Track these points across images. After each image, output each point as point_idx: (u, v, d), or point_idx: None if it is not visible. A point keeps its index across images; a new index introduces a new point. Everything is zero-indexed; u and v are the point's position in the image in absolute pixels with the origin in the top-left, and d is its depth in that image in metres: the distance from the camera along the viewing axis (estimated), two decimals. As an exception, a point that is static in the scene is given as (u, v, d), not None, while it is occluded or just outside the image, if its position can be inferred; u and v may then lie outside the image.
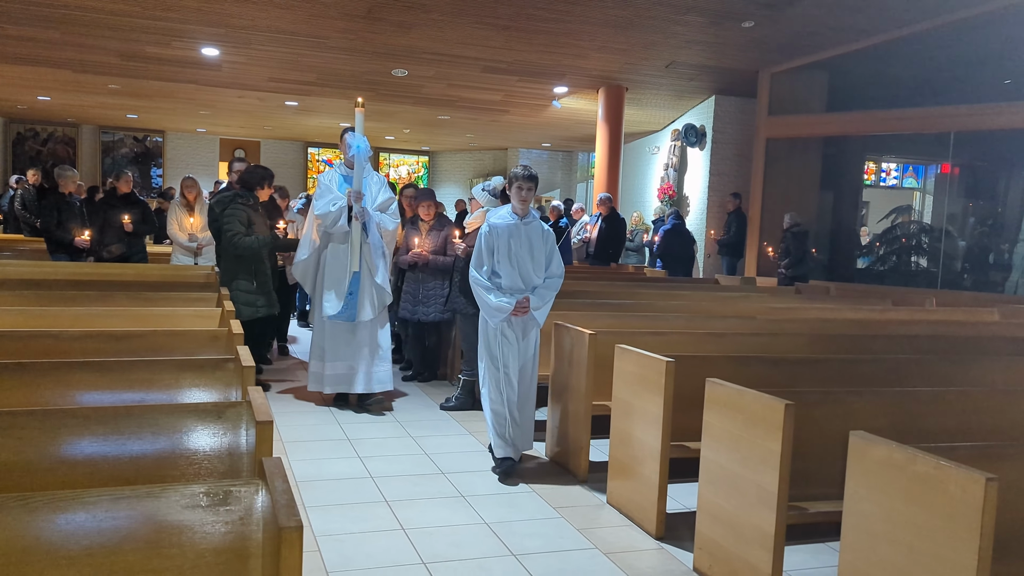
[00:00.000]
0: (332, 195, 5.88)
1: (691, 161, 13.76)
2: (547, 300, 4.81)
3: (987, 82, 10.90)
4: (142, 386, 3.42)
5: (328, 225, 5.86)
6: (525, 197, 4.75)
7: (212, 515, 2.05)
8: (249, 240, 6.17)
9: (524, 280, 4.77)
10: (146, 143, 20.55)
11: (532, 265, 4.78)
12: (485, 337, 4.85)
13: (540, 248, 4.82)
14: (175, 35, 10.48)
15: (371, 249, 5.92)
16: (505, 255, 4.74)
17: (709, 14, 9.71)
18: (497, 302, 4.66)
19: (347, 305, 5.90)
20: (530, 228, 4.80)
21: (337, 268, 5.92)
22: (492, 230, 4.78)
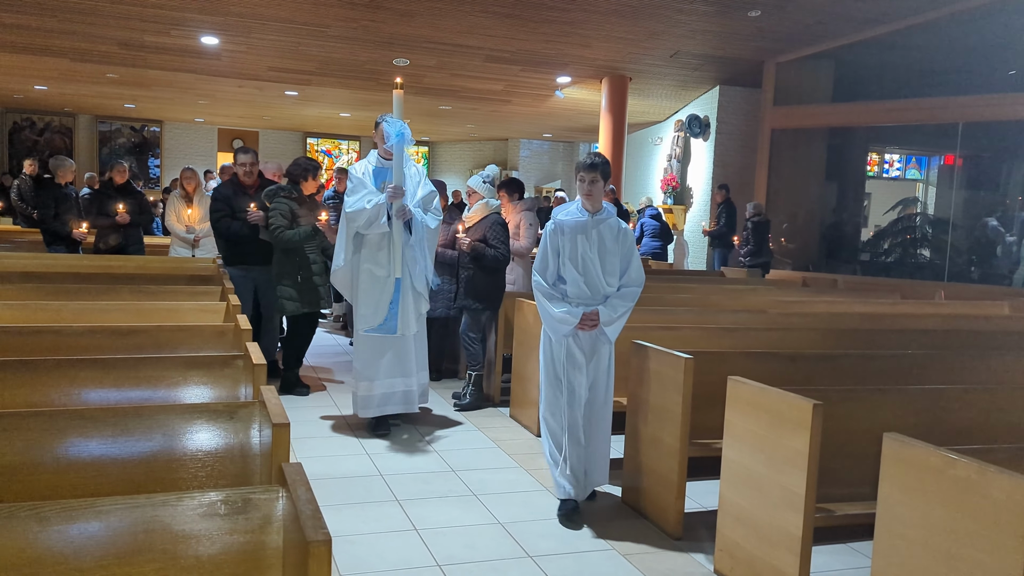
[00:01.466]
0: (366, 191, 5.09)
1: (695, 152, 13.65)
2: (621, 313, 4.03)
3: (993, 72, 10.80)
4: (149, 384, 3.33)
5: (362, 226, 5.07)
6: (589, 191, 4.02)
7: (230, 523, 1.96)
8: (290, 233, 5.93)
9: (592, 288, 4.01)
10: (143, 133, 20.38)
11: (603, 270, 4.01)
12: (547, 353, 4.12)
13: (614, 250, 4.03)
14: (174, 23, 10.33)
15: (413, 252, 5.19)
16: (571, 257, 4.00)
17: (715, 3, 9.59)
18: (559, 313, 3.95)
19: (388, 317, 5.15)
20: (603, 226, 4.04)
21: (376, 274, 5.16)
22: (557, 228, 4.06)
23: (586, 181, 4.03)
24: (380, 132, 5.24)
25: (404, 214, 5.07)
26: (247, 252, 6.32)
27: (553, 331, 4.03)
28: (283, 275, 6.03)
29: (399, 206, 5.04)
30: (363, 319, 5.18)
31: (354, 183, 5.16)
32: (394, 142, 5.05)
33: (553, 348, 4.09)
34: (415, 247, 5.18)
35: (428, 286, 5.33)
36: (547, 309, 4.01)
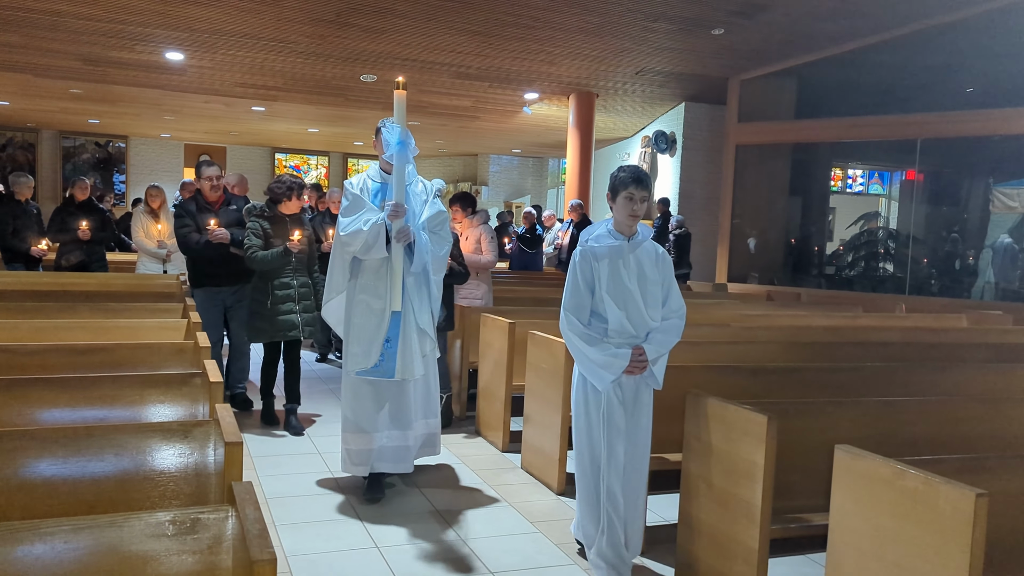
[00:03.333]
0: (363, 209, 4.32)
1: (661, 168, 13.79)
2: (667, 348, 3.51)
3: (952, 90, 11.06)
4: (105, 403, 3.29)
5: (359, 250, 4.27)
6: (636, 211, 3.44)
7: (179, 544, 1.94)
8: (261, 255, 5.46)
9: (635, 324, 3.45)
10: (108, 149, 20.17)
11: (645, 301, 3.46)
12: (583, 404, 3.52)
13: (654, 279, 3.51)
14: (139, 39, 10.27)
15: (416, 281, 4.38)
16: (610, 291, 3.43)
17: (679, 21, 9.73)
18: (604, 356, 3.37)
19: (384, 358, 4.29)
20: (640, 252, 3.50)
21: (372, 307, 4.33)
22: (587, 255, 3.47)
23: (635, 199, 3.43)
24: (379, 140, 4.44)
25: (405, 236, 4.25)
26: (215, 272, 5.92)
27: (598, 379, 3.41)
28: (255, 300, 5.65)
29: (400, 227, 4.25)
30: (354, 359, 4.32)
31: (350, 200, 4.37)
32: (394, 151, 4.27)
33: (590, 402, 3.49)
34: (419, 276, 4.37)
35: (433, 321, 4.49)
36: (587, 354, 3.40)
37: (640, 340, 3.46)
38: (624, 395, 3.46)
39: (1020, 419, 3.86)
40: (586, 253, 3.50)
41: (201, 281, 6.01)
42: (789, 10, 9.48)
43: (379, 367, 4.30)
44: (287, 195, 5.68)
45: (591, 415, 3.49)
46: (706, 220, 13.15)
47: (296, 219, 5.71)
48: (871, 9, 9.52)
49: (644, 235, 3.54)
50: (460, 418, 6.23)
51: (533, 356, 4.99)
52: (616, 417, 3.44)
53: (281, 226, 5.63)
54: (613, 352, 3.38)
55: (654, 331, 3.49)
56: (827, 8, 9.45)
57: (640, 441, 3.52)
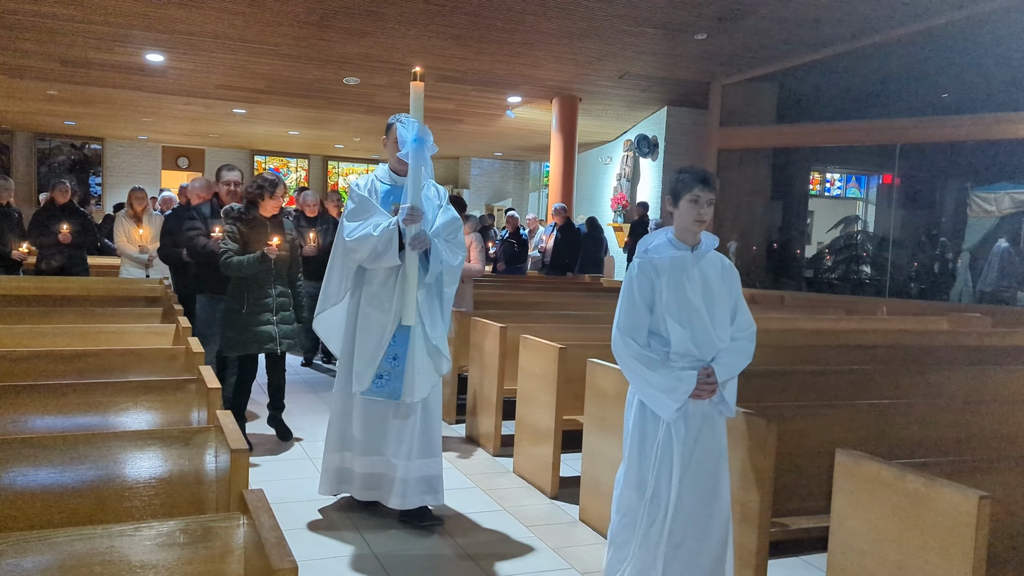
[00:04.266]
0: (372, 213, 3.96)
1: (644, 172, 13.86)
2: (736, 371, 3.06)
3: (928, 96, 11.22)
4: (97, 410, 3.25)
5: (366, 257, 3.90)
6: (703, 216, 2.99)
7: (191, 553, 1.92)
8: (235, 261, 5.09)
9: (700, 344, 3.00)
10: (84, 151, 19.93)
11: (712, 320, 3.02)
12: (638, 436, 3.07)
13: (722, 293, 3.07)
14: (118, 40, 10.17)
15: (428, 293, 4.01)
16: (672, 309, 2.99)
17: (663, 26, 9.80)
18: (666, 380, 2.93)
19: (390, 376, 3.94)
20: (705, 263, 3.07)
21: (377, 321, 3.95)
22: (646, 268, 3.04)
23: (701, 202, 2.98)
24: (392, 137, 4.04)
25: (422, 244, 3.89)
26: (217, 277, 5.48)
27: (662, 408, 2.96)
28: (229, 308, 5.27)
29: (416, 233, 3.86)
30: (358, 378, 3.98)
31: (356, 203, 4.00)
32: (410, 149, 3.87)
33: (647, 429, 3.03)
34: (431, 287, 4.01)
35: (446, 338, 4.14)
36: (647, 378, 2.97)
37: (706, 363, 3.00)
38: (689, 426, 2.98)
39: (1006, 420, 3.93)
40: (645, 266, 3.05)
41: (203, 287, 5.77)
42: (770, 16, 9.57)
43: (384, 386, 3.93)
44: (259, 195, 5.25)
45: (646, 435, 3.04)
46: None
47: (276, 222, 5.35)
48: (850, 16, 9.64)
49: (709, 244, 3.09)
50: (450, 423, 6.22)
51: (525, 360, 4.99)
52: (677, 438, 2.96)
53: (260, 230, 5.22)
54: (677, 375, 2.93)
55: (721, 353, 3.03)
56: (807, 15, 9.56)
57: (716, 485, 2.98)
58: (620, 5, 9.10)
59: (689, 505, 2.95)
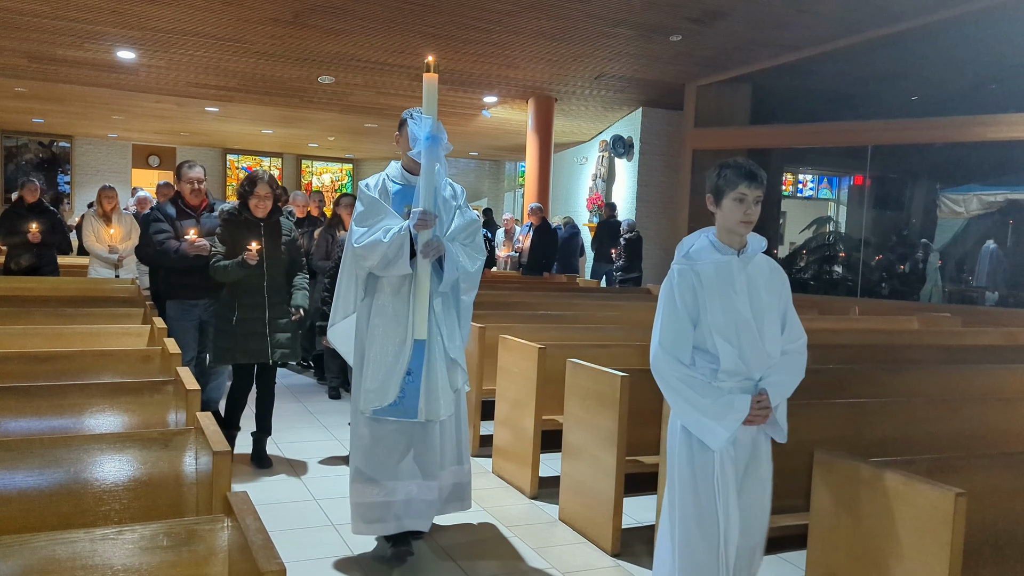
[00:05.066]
0: (383, 216, 3.63)
1: (619, 172, 13.92)
2: (789, 391, 2.76)
3: (898, 98, 11.39)
4: (72, 412, 3.21)
5: (376, 265, 3.57)
6: (750, 216, 2.67)
7: (174, 556, 1.90)
8: (221, 266, 4.79)
9: (750, 360, 2.67)
10: (53, 149, 19.62)
11: (762, 331, 2.68)
12: (688, 468, 2.70)
13: (771, 302, 2.72)
14: (89, 37, 10.02)
15: (444, 303, 3.69)
16: (717, 318, 2.66)
17: (638, 27, 9.85)
18: (717, 406, 2.62)
19: (404, 394, 3.59)
20: (753, 267, 2.73)
21: (389, 334, 3.61)
22: (687, 275, 2.71)
23: (748, 200, 2.66)
24: (404, 134, 3.75)
25: (435, 250, 3.56)
26: (191, 282, 5.17)
27: (711, 437, 2.63)
28: (220, 315, 4.95)
29: (428, 239, 3.55)
30: (368, 396, 3.60)
31: (365, 205, 3.67)
32: (422, 148, 3.56)
33: (697, 464, 2.68)
34: (447, 296, 3.70)
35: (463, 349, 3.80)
36: (694, 404, 2.64)
37: (756, 381, 2.69)
38: (738, 452, 2.68)
39: (978, 419, 3.99)
40: (686, 272, 2.70)
41: (175, 292, 5.38)
42: (744, 19, 9.65)
43: (398, 405, 3.58)
44: (245, 193, 4.93)
45: (696, 471, 2.67)
46: (664, 224, 13.31)
47: (272, 223, 4.97)
48: (821, 19, 9.75)
49: (756, 247, 2.75)
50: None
51: (504, 360, 4.99)
52: (728, 469, 2.65)
53: (248, 232, 4.88)
54: (728, 400, 2.61)
55: (773, 371, 2.71)
56: (780, 18, 9.66)
57: (760, 503, 2.74)
58: (596, 6, 9.13)
59: (741, 541, 2.66)
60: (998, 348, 6.02)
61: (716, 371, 2.67)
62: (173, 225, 5.34)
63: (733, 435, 2.62)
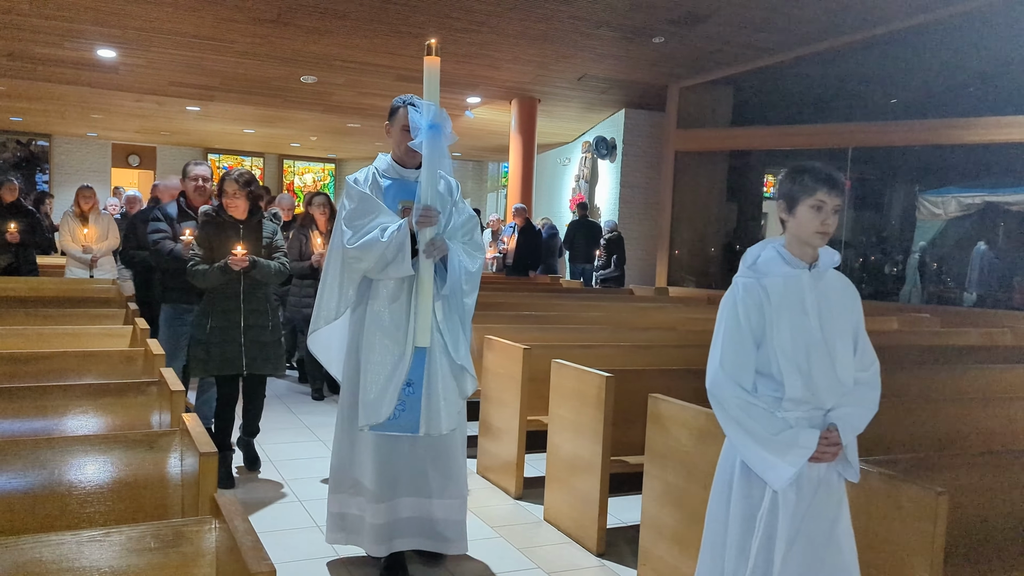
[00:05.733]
0: (376, 214, 3.34)
1: (602, 173, 13.96)
2: (863, 425, 2.47)
3: (878, 101, 11.50)
4: (56, 414, 3.18)
5: (373, 267, 3.29)
6: (828, 226, 2.38)
7: (162, 557, 1.89)
8: (199, 271, 4.50)
9: (820, 387, 2.38)
10: (31, 147, 19.40)
11: (834, 356, 2.40)
12: (742, 507, 2.43)
13: (844, 322, 2.45)
14: (69, 35, 9.93)
15: (446, 306, 3.41)
16: (785, 340, 2.38)
17: (621, 29, 9.88)
18: (781, 440, 2.34)
19: (404, 407, 3.31)
20: (825, 284, 2.46)
21: (386, 342, 3.33)
22: (754, 290, 2.42)
23: (826, 209, 2.38)
24: (399, 122, 3.44)
25: (439, 250, 3.30)
26: (187, 286, 4.83)
27: (773, 474, 2.34)
28: (196, 323, 4.65)
29: (431, 238, 3.29)
30: (366, 409, 3.30)
31: (356, 201, 3.36)
32: (424, 138, 3.26)
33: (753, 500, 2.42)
34: (448, 299, 3.41)
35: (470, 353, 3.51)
36: (755, 436, 2.36)
37: (825, 412, 2.41)
38: (801, 493, 2.37)
39: (959, 418, 4.04)
40: (752, 288, 2.42)
41: (169, 296, 5.15)
42: (726, 21, 9.71)
43: (397, 419, 3.29)
44: (218, 190, 4.68)
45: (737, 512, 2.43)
46: (646, 225, 13.37)
47: (253, 225, 4.67)
48: (802, 22, 9.83)
49: (828, 261, 2.48)
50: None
51: (489, 361, 5.00)
52: (786, 525, 2.35)
53: (228, 234, 4.59)
54: (793, 434, 2.34)
55: (844, 402, 2.42)
56: (762, 20, 9.72)
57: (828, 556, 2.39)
58: (579, 8, 9.16)
59: None
60: (977, 348, 6.09)
61: (780, 399, 2.39)
62: (172, 225, 5.14)
63: (798, 473, 2.34)
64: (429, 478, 3.42)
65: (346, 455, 3.47)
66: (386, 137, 3.57)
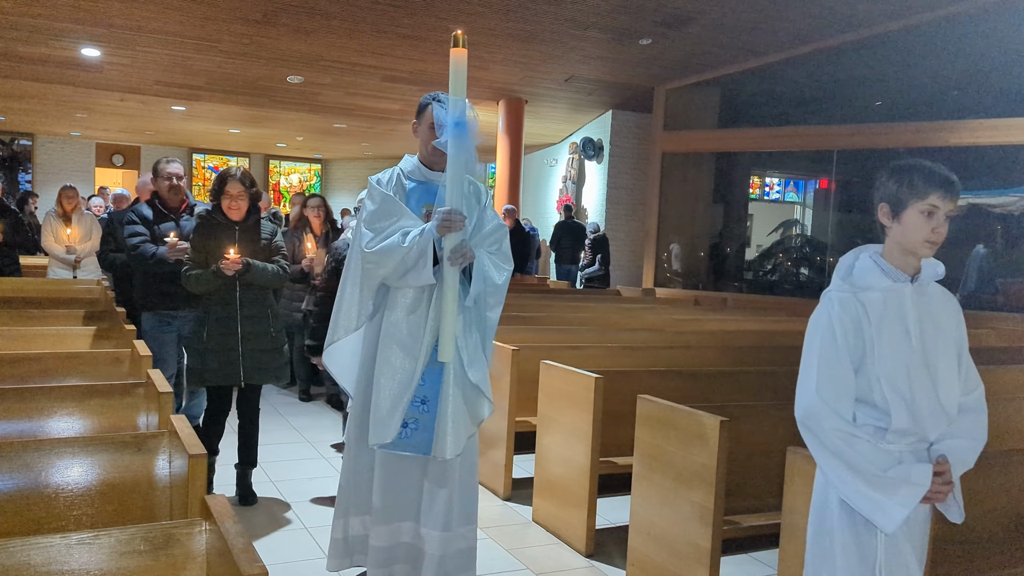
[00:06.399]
0: (398, 217, 3.08)
1: (589, 174, 13.98)
2: (971, 458, 2.20)
3: (863, 103, 11.58)
4: (41, 415, 3.16)
5: (392, 273, 3.04)
6: (938, 234, 2.12)
7: (151, 560, 1.88)
8: (193, 276, 4.24)
9: (923, 415, 2.12)
10: (13, 147, 19.22)
11: (936, 379, 2.14)
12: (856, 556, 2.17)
13: (947, 342, 2.18)
14: (52, 34, 9.85)
15: (466, 320, 3.13)
16: (887, 363, 2.11)
17: (609, 31, 9.91)
18: (890, 475, 2.08)
19: (417, 426, 3.07)
20: (930, 299, 2.20)
21: (402, 355, 3.07)
22: (851, 307, 2.16)
23: (938, 214, 2.12)
24: (426, 120, 3.18)
25: (463, 257, 3.02)
26: (171, 291, 4.62)
27: (883, 517, 2.07)
28: (193, 331, 4.41)
29: (456, 246, 3.00)
30: (377, 426, 3.05)
31: (377, 203, 3.11)
32: (450, 136, 2.98)
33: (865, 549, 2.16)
34: (470, 312, 3.15)
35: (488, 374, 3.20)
36: (862, 473, 2.08)
37: (928, 444, 2.16)
38: (913, 532, 2.15)
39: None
40: (849, 302, 2.16)
41: (151, 303, 4.86)
42: (713, 23, 9.75)
43: (408, 438, 3.06)
44: (218, 190, 4.38)
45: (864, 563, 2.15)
46: (633, 226, 13.41)
47: (247, 227, 4.37)
48: (788, 25, 9.89)
49: (931, 273, 2.21)
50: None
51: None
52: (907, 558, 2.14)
53: (225, 235, 4.31)
54: (904, 470, 2.08)
55: (951, 434, 2.17)
56: (748, 22, 9.77)
57: None
58: (566, 9, 9.17)
59: None
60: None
61: (883, 430, 2.12)
62: (150, 228, 4.86)
63: (910, 514, 2.08)
64: (450, 506, 3.09)
65: (351, 474, 3.21)
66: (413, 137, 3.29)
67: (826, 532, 2.22)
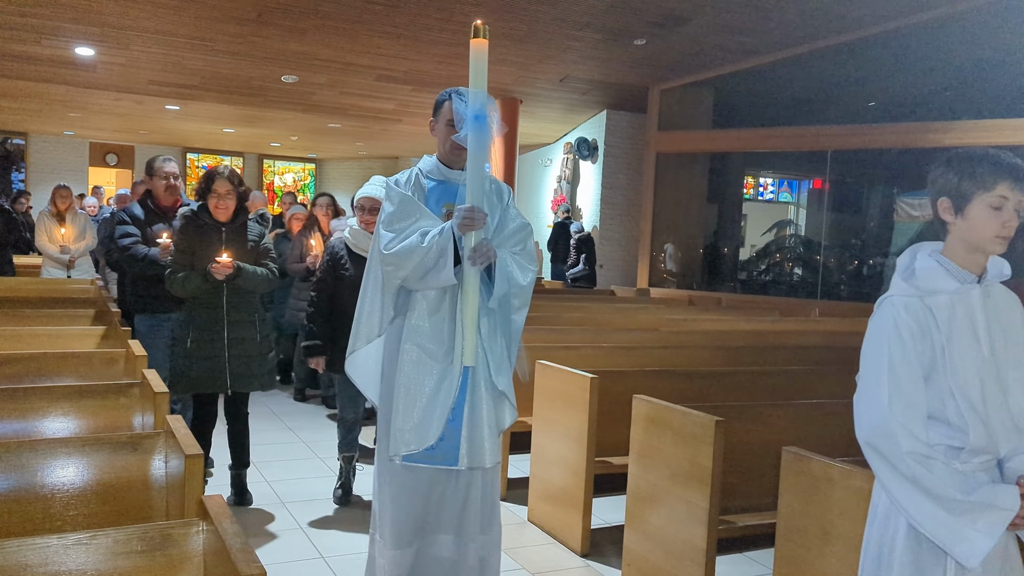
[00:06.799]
0: (417, 217, 2.92)
1: (583, 174, 13.99)
2: None
3: (856, 104, 11.62)
4: (36, 415, 3.15)
5: (412, 275, 2.87)
6: (1009, 228, 1.94)
7: (148, 560, 1.88)
8: (179, 278, 4.13)
9: (995, 429, 1.93)
10: (7, 146, 19.13)
11: (1006, 389, 1.96)
12: None
13: (1017, 349, 2.00)
14: (46, 33, 9.81)
15: (491, 323, 2.96)
16: (959, 373, 1.92)
17: (603, 31, 9.92)
18: (972, 500, 1.85)
19: (443, 435, 2.86)
20: (997, 302, 2.02)
21: (425, 361, 2.91)
22: (918, 312, 1.94)
23: (1007, 206, 1.93)
24: (444, 116, 3.03)
25: (485, 256, 2.84)
26: (163, 293, 4.48)
27: (965, 549, 1.84)
28: (176, 336, 4.28)
29: (478, 244, 2.83)
30: (400, 436, 2.87)
31: (396, 204, 2.94)
32: (469, 131, 2.82)
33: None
34: (494, 315, 2.97)
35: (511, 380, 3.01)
36: (940, 499, 1.86)
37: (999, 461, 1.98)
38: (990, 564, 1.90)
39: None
40: (915, 308, 1.95)
41: (143, 305, 4.84)
42: (707, 24, 9.77)
43: (435, 449, 2.86)
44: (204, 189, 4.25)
45: None
46: (627, 226, 13.42)
47: (235, 228, 4.27)
48: (782, 26, 9.91)
49: (996, 272, 2.03)
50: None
51: (472, 362, 4.99)
52: None
53: (211, 236, 4.20)
54: (989, 493, 1.86)
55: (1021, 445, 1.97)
56: (743, 23, 9.79)
57: None
58: (561, 9, 9.18)
59: None
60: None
61: (958, 450, 1.91)
62: (142, 228, 4.81)
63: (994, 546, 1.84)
64: (476, 516, 2.93)
65: (393, 495, 2.95)
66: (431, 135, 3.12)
67: (889, 561, 1.98)
